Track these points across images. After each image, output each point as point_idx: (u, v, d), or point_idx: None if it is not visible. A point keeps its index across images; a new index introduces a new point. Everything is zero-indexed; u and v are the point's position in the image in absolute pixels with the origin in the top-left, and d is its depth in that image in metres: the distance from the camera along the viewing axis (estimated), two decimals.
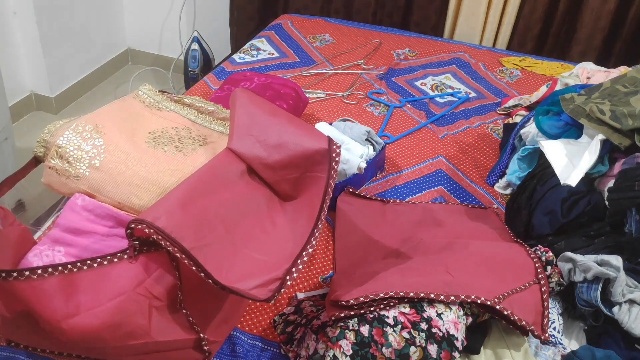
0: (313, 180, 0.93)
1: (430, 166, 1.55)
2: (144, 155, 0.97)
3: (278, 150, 0.90)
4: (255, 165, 0.90)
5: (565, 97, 1.34)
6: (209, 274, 0.77)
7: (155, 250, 0.81)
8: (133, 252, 0.80)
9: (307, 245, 0.88)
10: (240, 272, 0.81)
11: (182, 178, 0.94)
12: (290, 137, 0.92)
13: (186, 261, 0.77)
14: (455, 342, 0.87)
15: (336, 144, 0.94)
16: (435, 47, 2.26)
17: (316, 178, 0.93)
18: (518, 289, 1.00)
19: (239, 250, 0.83)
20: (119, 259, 0.80)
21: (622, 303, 0.97)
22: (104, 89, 3.10)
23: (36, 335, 0.83)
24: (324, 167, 0.93)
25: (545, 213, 1.17)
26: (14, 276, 0.74)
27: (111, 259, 0.79)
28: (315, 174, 0.93)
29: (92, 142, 0.96)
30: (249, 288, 0.80)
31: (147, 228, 0.75)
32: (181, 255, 0.76)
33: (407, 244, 1.18)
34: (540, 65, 2.14)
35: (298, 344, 0.98)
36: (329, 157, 0.93)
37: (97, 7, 2.93)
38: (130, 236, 0.79)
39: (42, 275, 0.76)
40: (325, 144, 0.92)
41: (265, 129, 0.91)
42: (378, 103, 1.85)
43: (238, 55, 2.13)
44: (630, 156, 1.15)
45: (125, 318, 0.79)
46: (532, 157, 1.37)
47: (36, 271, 0.75)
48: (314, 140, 0.93)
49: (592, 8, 2.22)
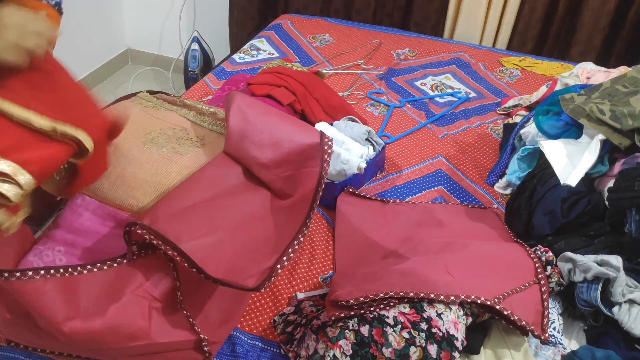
0: (307, 176, 0.94)
1: (430, 166, 1.55)
2: (141, 157, 0.96)
3: (272, 149, 0.91)
4: (250, 165, 0.90)
5: (565, 97, 1.34)
6: (200, 267, 0.78)
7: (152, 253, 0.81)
8: (132, 256, 0.80)
9: (298, 234, 0.88)
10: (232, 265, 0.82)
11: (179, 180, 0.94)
12: (283, 134, 0.93)
13: (178, 258, 0.77)
14: (455, 342, 0.87)
15: (328, 137, 0.94)
16: (435, 47, 2.26)
17: (310, 173, 0.94)
18: (518, 289, 1.00)
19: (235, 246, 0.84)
20: (119, 263, 0.80)
21: (622, 303, 0.97)
22: (104, 89, 3.09)
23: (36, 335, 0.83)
24: (317, 162, 0.93)
25: (545, 213, 1.17)
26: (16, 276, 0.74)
27: (111, 264, 0.80)
28: (310, 169, 0.94)
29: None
30: (239, 279, 0.81)
31: (140, 229, 0.76)
32: (172, 252, 0.77)
33: (407, 244, 1.18)
34: (540, 65, 2.14)
35: (298, 344, 0.98)
36: (321, 150, 0.93)
37: (97, 7, 2.93)
38: (128, 240, 0.79)
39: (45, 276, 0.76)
40: (317, 138, 0.93)
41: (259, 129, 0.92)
42: (378, 103, 1.85)
43: (238, 55, 2.13)
44: (630, 156, 1.15)
45: (125, 320, 0.79)
46: (532, 157, 1.37)
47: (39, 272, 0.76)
48: (306, 136, 0.93)
49: (592, 8, 2.22)
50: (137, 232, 0.77)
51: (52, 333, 0.78)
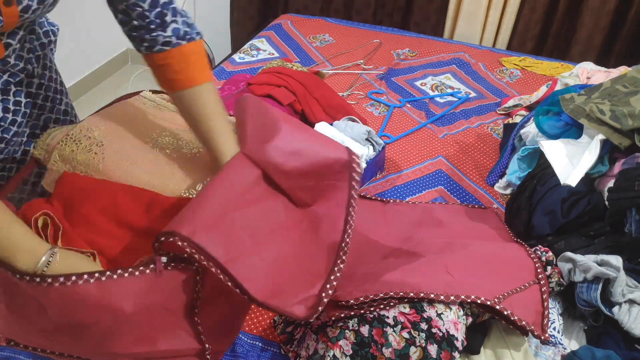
0: (331, 189, 0.92)
1: (430, 166, 1.55)
2: (144, 159, 0.96)
3: (295, 157, 0.88)
4: (270, 171, 0.88)
5: (565, 97, 1.34)
6: (245, 289, 0.75)
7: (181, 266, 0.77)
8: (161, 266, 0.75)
9: (337, 260, 0.88)
10: (272, 287, 0.80)
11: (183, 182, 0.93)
12: (308, 145, 0.90)
13: (221, 276, 0.74)
14: (455, 342, 0.87)
15: (355, 154, 0.92)
16: (435, 47, 2.26)
17: (334, 187, 0.92)
18: (518, 289, 1.00)
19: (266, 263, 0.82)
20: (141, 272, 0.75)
21: (622, 303, 0.97)
22: (104, 89, 3.10)
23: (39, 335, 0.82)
24: (342, 177, 0.92)
25: (545, 213, 1.17)
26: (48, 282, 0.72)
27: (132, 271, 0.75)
28: (333, 182, 0.92)
29: (94, 146, 0.95)
30: (287, 305, 0.80)
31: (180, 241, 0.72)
32: (216, 270, 0.74)
33: (407, 244, 1.18)
34: (540, 65, 2.14)
35: (298, 344, 0.98)
36: (349, 167, 0.91)
37: (97, 7, 2.92)
38: (158, 249, 0.75)
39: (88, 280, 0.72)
40: (344, 154, 0.91)
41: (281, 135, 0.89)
42: (378, 103, 1.85)
43: (238, 55, 2.13)
44: (630, 156, 1.15)
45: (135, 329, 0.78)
46: (532, 157, 1.37)
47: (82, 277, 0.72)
48: (332, 150, 0.91)
49: (592, 8, 2.22)
50: (177, 244, 0.71)
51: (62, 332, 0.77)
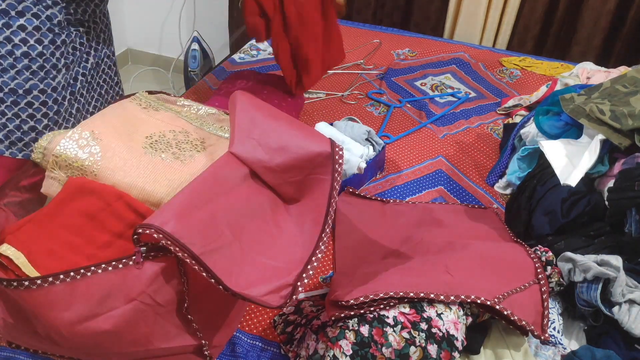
0: (316, 183, 0.93)
1: (430, 166, 1.55)
2: (140, 164, 0.95)
3: (280, 153, 0.89)
4: (257, 168, 0.89)
5: (565, 97, 1.34)
6: (220, 280, 0.75)
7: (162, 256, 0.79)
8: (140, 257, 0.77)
9: (316, 250, 0.87)
10: (250, 277, 0.80)
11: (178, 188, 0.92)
12: (292, 140, 0.91)
13: (196, 267, 0.75)
14: (455, 342, 0.87)
15: (339, 146, 0.93)
16: (435, 47, 2.26)
17: (319, 180, 0.93)
18: (518, 289, 1.00)
19: (246, 255, 0.82)
20: (124, 265, 0.77)
21: (622, 303, 0.97)
22: None
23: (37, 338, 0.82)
24: (326, 170, 0.92)
25: (545, 213, 1.17)
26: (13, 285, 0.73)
27: (116, 264, 0.77)
28: (318, 176, 0.93)
29: (89, 149, 0.94)
30: (261, 294, 0.79)
31: (155, 233, 0.73)
32: (191, 261, 0.74)
33: (407, 244, 1.18)
34: (540, 65, 2.14)
35: (298, 344, 0.98)
36: (332, 160, 0.92)
37: None
38: (137, 241, 0.76)
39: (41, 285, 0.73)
40: (327, 147, 0.92)
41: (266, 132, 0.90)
42: (378, 103, 1.85)
43: (238, 55, 2.13)
44: (630, 156, 1.15)
45: (128, 327, 0.78)
46: (532, 157, 1.37)
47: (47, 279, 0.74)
48: (316, 143, 0.92)
49: (592, 8, 2.22)
50: (153, 235, 0.73)
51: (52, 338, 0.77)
